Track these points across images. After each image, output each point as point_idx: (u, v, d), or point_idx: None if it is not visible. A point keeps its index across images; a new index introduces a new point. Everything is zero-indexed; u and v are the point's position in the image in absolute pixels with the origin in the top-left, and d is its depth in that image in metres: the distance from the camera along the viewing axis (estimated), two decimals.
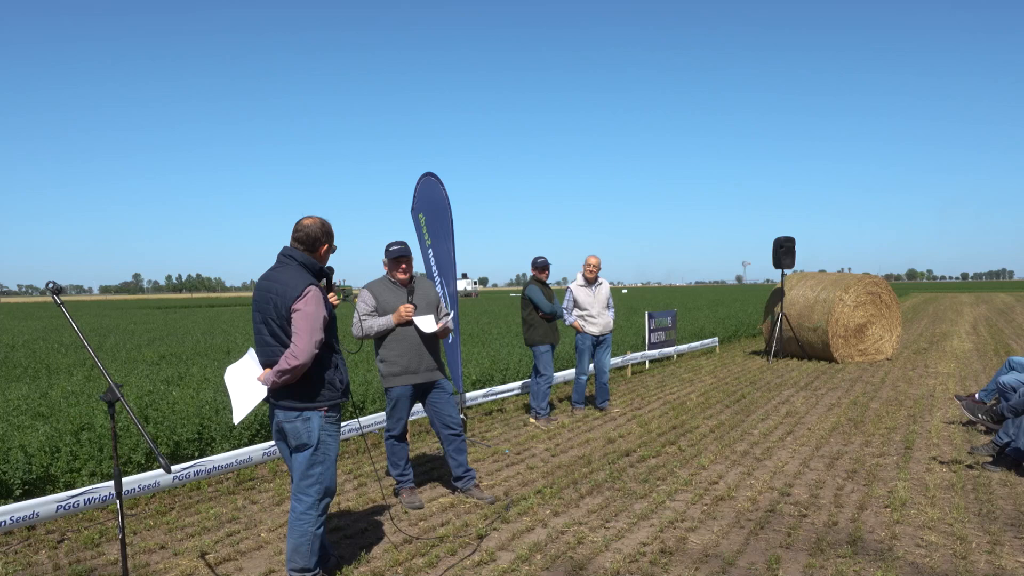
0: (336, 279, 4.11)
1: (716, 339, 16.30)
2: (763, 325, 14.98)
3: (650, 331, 13.44)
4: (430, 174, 7.21)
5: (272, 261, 3.91)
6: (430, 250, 7.39)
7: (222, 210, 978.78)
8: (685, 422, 8.15)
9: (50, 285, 3.11)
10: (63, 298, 3.24)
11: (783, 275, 14.29)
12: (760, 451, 6.77)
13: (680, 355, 14.81)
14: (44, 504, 4.73)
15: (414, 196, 7.45)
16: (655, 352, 13.45)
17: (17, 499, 5.08)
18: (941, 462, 6.30)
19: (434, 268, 7.34)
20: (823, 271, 15.30)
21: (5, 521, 4.54)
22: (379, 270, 5.47)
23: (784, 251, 13.87)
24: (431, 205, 7.24)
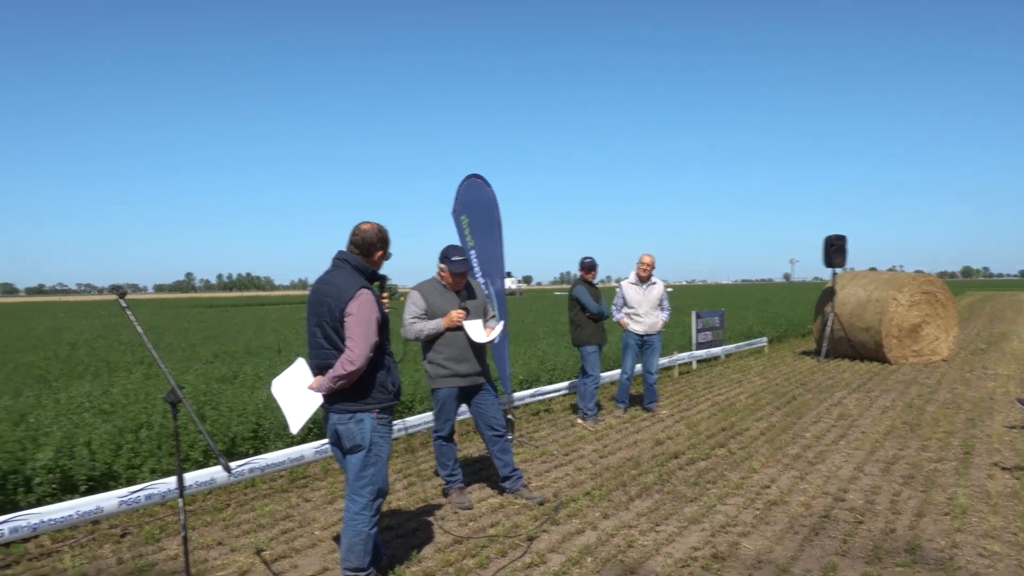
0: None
1: (765, 339, 16.05)
2: (813, 325, 14.70)
3: (697, 331, 13.30)
4: (475, 176, 7.25)
5: (320, 259, 3.94)
6: (472, 251, 7.43)
7: (271, 209, 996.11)
8: (735, 424, 8.05)
9: (116, 289, 3.21)
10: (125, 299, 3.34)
11: (834, 274, 14.00)
12: (813, 455, 6.65)
13: (728, 355, 14.61)
14: (107, 499, 4.87)
15: (456, 198, 7.50)
16: (702, 352, 13.30)
17: (82, 494, 5.24)
18: (1003, 468, 6.11)
19: (477, 270, 7.38)
20: (873, 269, 14.97)
21: (72, 515, 4.69)
22: (427, 270, 5.50)
23: (835, 249, 13.59)
24: (475, 207, 7.29)
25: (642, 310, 8.76)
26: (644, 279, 8.80)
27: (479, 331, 5.34)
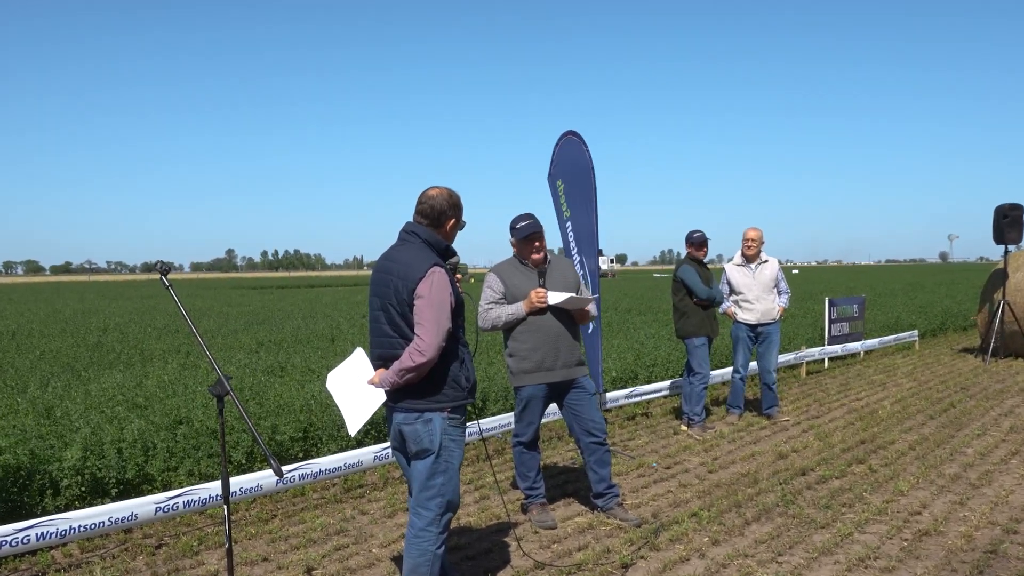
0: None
1: (915, 332, 15.62)
2: (978, 316, 14.19)
3: (830, 321, 13.05)
4: (571, 134, 7.30)
5: (380, 234, 3.98)
6: (568, 223, 7.46)
7: (323, 177, 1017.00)
8: (877, 436, 7.85)
9: (159, 266, 3.34)
10: (166, 278, 3.48)
11: (1006, 252, 13.43)
12: (976, 475, 6.44)
13: (868, 352, 14.30)
14: (142, 506, 5.11)
15: (551, 161, 7.54)
16: (836, 348, 13.05)
17: (113, 499, 5.50)
18: None
19: (572, 243, 7.41)
20: None
21: (103, 522, 4.93)
22: (506, 248, 5.53)
23: (1009, 222, 13.02)
24: (571, 170, 7.34)
25: (752, 295, 8.62)
26: (751, 258, 8.68)
27: (567, 297, 5.30)
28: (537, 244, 5.36)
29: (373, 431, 7.03)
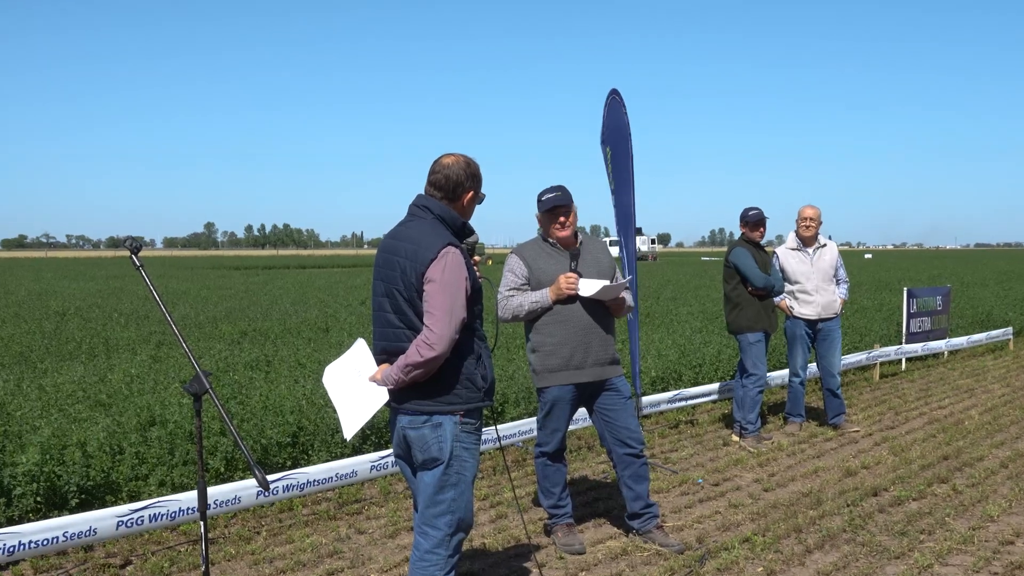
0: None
1: (1009, 330, 15.52)
2: None
3: (909, 316, 12.96)
4: (615, 93, 7.30)
5: (383, 208, 3.96)
6: (613, 197, 7.46)
7: (316, 143, 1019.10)
8: (962, 451, 7.82)
9: (130, 242, 3.35)
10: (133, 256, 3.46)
11: None
12: None
13: (954, 352, 14.21)
14: (103, 519, 5.15)
15: (603, 123, 7.54)
16: (916, 347, 12.99)
17: (72, 510, 5.54)
18: None
19: (614, 224, 7.46)
20: None
21: (58, 537, 4.98)
22: (530, 226, 5.52)
23: None
24: (615, 135, 7.35)
25: (811, 284, 8.58)
26: (808, 240, 8.63)
27: (600, 287, 5.29)
28: (562, 219, 5.34)
29: (372, 436, 7.05)
